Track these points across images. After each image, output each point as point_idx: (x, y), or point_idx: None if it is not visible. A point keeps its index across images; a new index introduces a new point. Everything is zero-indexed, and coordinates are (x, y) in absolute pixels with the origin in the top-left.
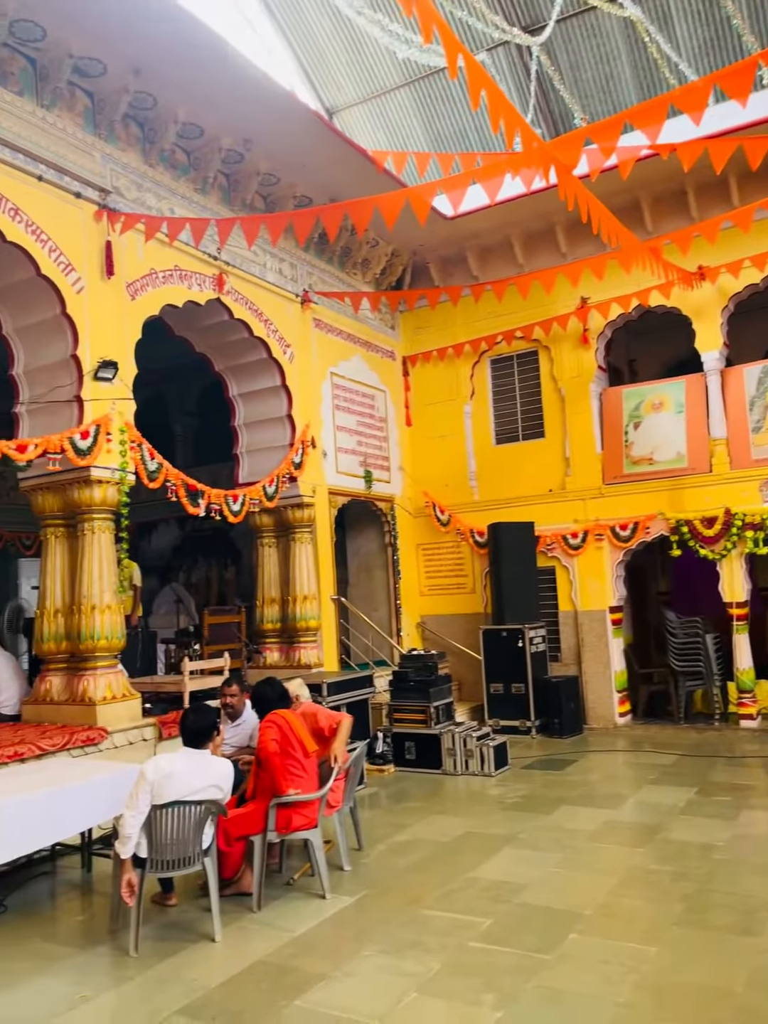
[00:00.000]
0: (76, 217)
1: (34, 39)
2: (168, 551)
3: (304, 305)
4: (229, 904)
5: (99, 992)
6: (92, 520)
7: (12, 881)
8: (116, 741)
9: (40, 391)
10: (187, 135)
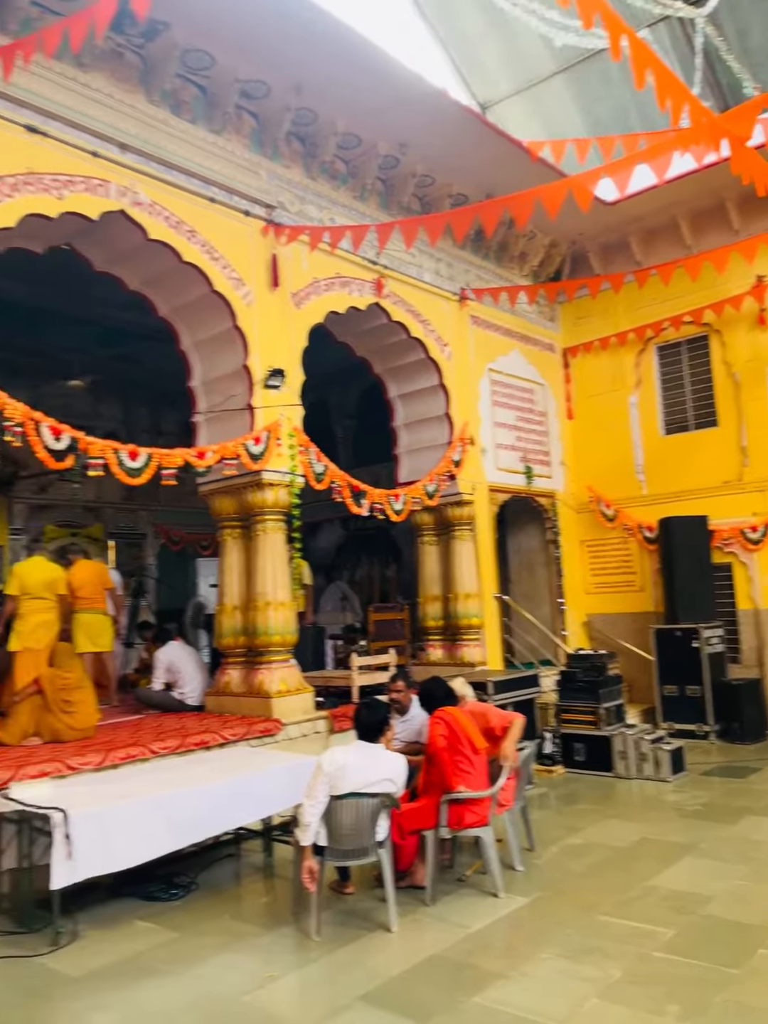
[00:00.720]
0: (244, 234)
1: (204, 67)
2: (332, 550)
3: (461, 303)
4: (403, 896)
5: (285, 972)
6: (265, 521)
7: (201, 861)
8: (290, 733)
9: (216, 401)
10: (346, 145)
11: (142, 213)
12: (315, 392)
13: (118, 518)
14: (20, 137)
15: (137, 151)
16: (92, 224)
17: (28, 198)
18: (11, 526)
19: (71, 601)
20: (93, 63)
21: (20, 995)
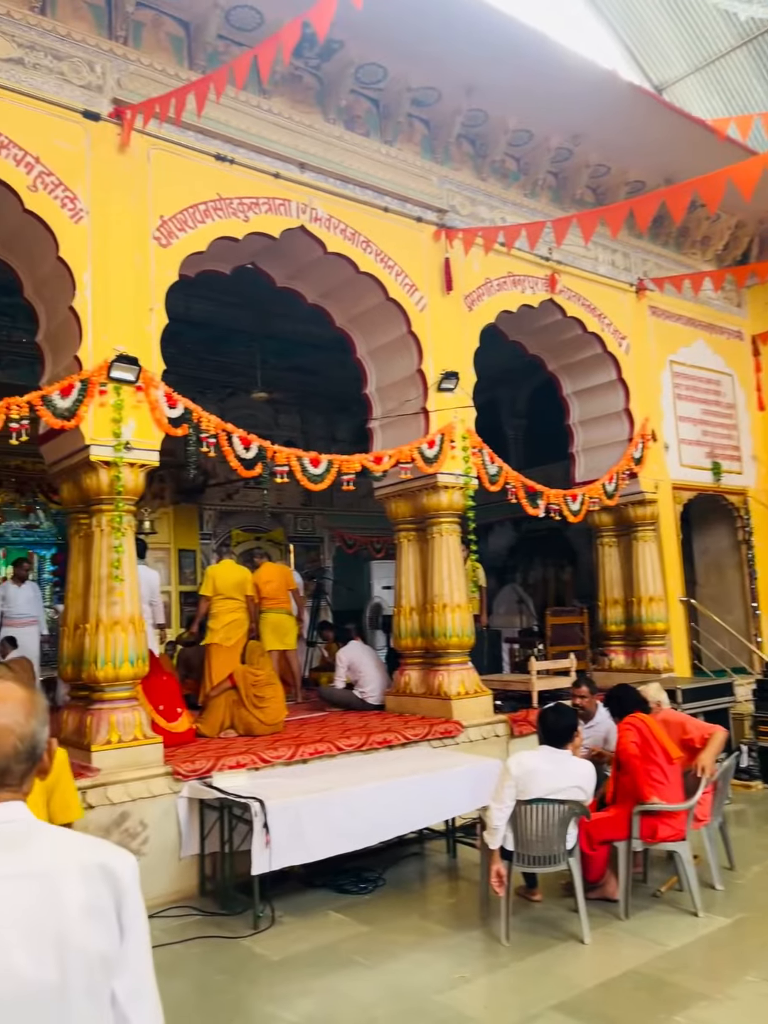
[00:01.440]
0: (417, 240)
1: (376, 80)
2: (504, 552)
3: (639, 294)
4: (594, 908)
5: (476, 975)
6: (440, 523)
7: (387, 857)
8: (470, 735)
9: (391, 406)
10: (517, 142)
11: (320, 228)
12: (485, 393)
13: (297, 523)
14: (210, 166)
15: (315, 169)
16: (274, 242)
17: (218, 223)
18: (201, 531)
19: (258, 601)
20: (274, 89)
21: (227, 975)
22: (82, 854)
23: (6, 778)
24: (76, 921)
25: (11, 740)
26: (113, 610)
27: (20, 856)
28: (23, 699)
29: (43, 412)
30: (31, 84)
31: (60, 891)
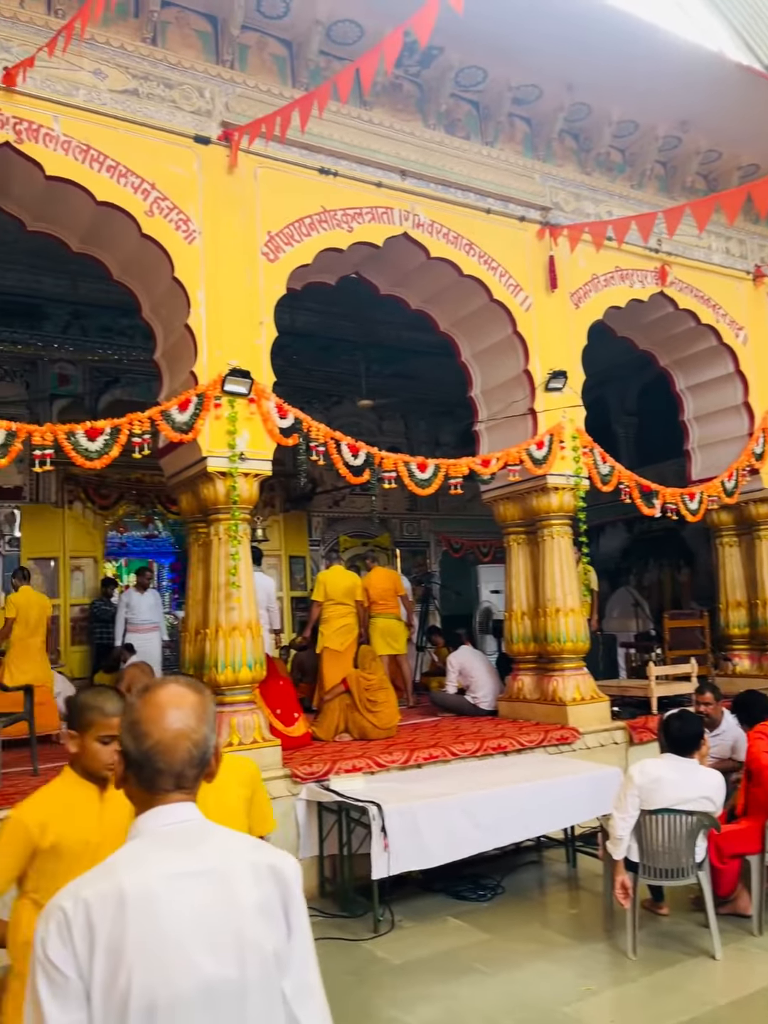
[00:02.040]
0: (521, 240)
1: (476, 83)
2: (617, 554)
3: (756, 281)
4: (725, 923)
5: (603, 987)
6: (551, 526)
7: (505, 865)
8: (587, 742)
9: (497, 408)
10: (622, 133)
11: (423, 233)
12: (593, 391)
13: (403, 527)
14: (314, 180)
15: (416, 175)
16: (378, 250)
17: (323, 235)
18: (310, 538)
19: (368, 606)
20: (374, 99)
21: (353, 977)
22: (252, 855)
23: (181, 781)
24: (251, 919)
25: (186, 745)
26: (231, 615)
27: (195, 854)
28: (196, 704)
29: (163, 426)
30: (145, 113)
31: (234, 889)
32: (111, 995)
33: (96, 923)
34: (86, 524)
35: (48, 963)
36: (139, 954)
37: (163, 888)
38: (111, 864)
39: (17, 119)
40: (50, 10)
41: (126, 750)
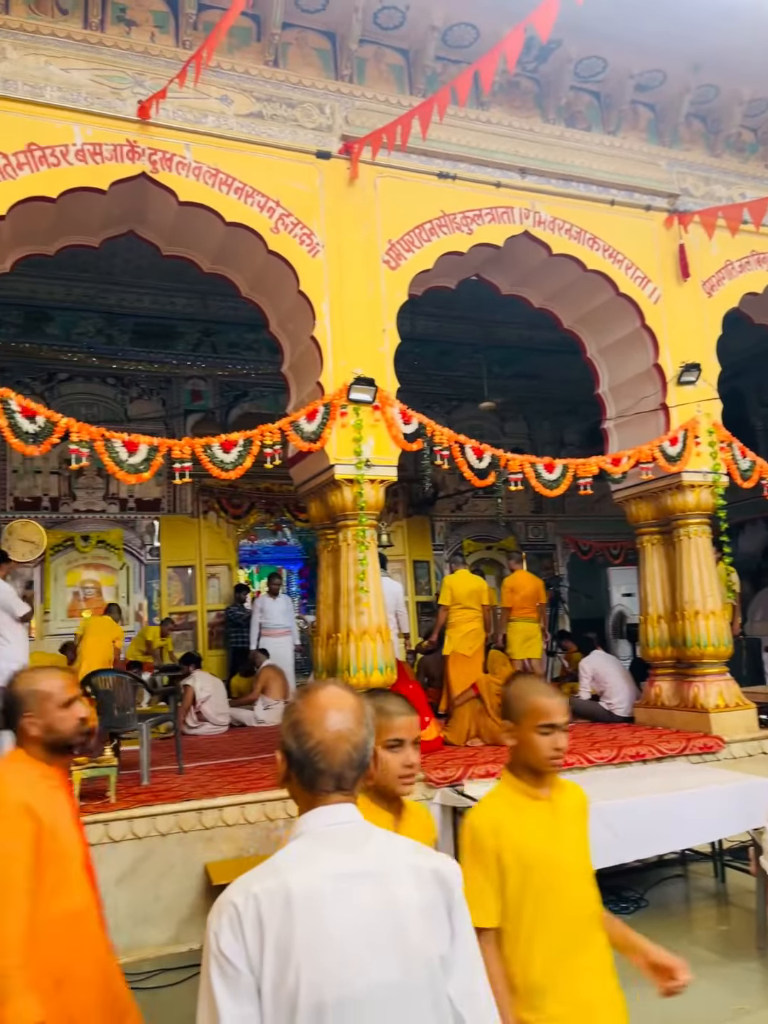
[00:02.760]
0: (647, 230)
1: (596, 73)
2: (759, 553)
3: None
4: None
5: (756, 1008)
6: (688, 525)
7: (647, 878)
8: (733, 752)
9: (626, 404)
10: (753, 112)
11: (544, 231)
12: (727, 383)
13: (528, 530)
14: (433, 185)
15: (536, 172)
16: (498, 251)
17: (443, 239)
18: (433, 542)
19: (509, 608)
20: (491, 99)
21: None
22: (413, 857)
23: (341, 782)
24: (412, 921)
25: (346, 747)
26: (361, 620)
27: (358, 856)
28: (355, 706)
29: (292, 436)
30: (269, 134)
31: (396, 891)
32: (280, 992)
33: (265, 920)
34: (220, 533)
35: (221, 956)
36: (306, 953)
37: (328, 888)
38: (276, 862)
39: (152, 150)
40: (178, 42)
41: (288, 750)
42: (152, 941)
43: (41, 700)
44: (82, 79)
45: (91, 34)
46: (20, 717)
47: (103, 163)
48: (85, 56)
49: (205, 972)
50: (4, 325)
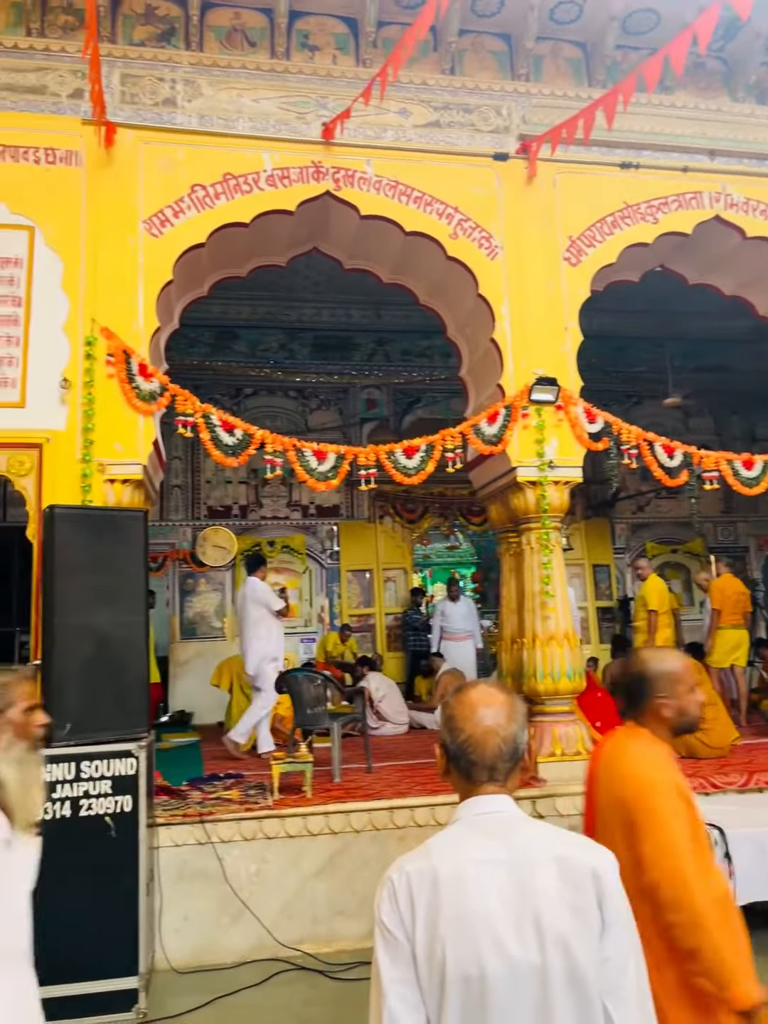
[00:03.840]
0: None
1: None
2: None
3: None
4: None
5: None
6: None
7: None
8: None
9: None
10: None
11: (736, 214)
12: None
13: (718, 532)
14: (614, 176)
15: (725, 153)
16: (685, 240)
17: (626, 231)
18: (614, 545)
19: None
20: (676, 83)
21: None
22: (561, 849)
23: (494, 774)
24: (551, 909)
25: (496, 741)
26: (547, 624)
27: (505, 843)
28: (504, 703)
29: (473, 440)
30: (447, 142)
31: (534, 879)
32: (431, 962)
33: (415, 895)
34: (395, 537)
35: (381, 924)
36: (450, 929)
37: (471, 871)
38: (430, 845)
39: (335, 168)
40: (359, 62)
41: (444, 744)
42: (349, 933)
43: (674, 682)
44: (270, 107)
45: (277, 63)
46: (650, 698)
47: (290, 185)
48: (272, 85)
49: (375, 940)
50: (197, 345)
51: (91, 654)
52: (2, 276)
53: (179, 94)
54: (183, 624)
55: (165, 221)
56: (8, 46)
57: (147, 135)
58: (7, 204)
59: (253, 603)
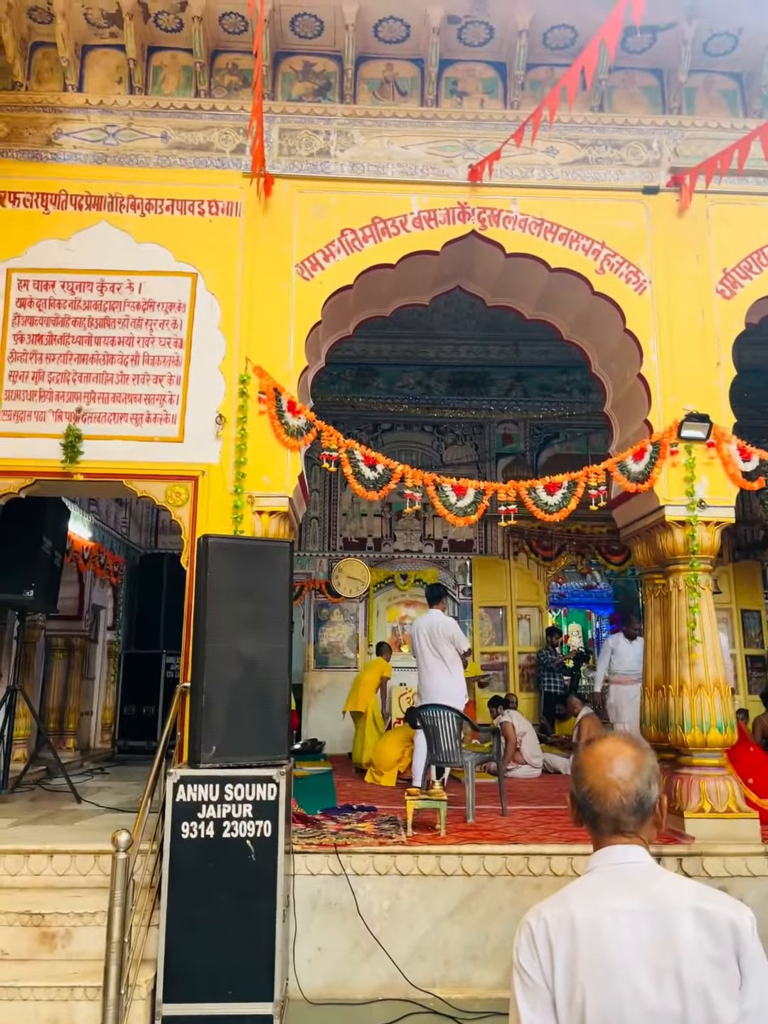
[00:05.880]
0: None
1: None
2: None
3: None
4: None
5: None
6: None
7: None
8: None
9: None
10: None
11: None
12: None
13: None
14: None
15: None
16: None
17: None
18: (765, 590)
19: None
20: None
21: None
22: (699, 901)
23: (619, 825)
24: (691, 959)
25: (617, 794)
26: (695, 671)
27: (641, 894)
28: (632, 757)
29: (618, 477)
30: (594, 178)
31: (675, 930)
32: (571, 1008)
33: (554, 941)
34: (530, 575)
35: (520, 968)
36: (589, 976)
37: (608, 920)
38: (566, 892)
39: (481, 208)
40: (507, 104)
41: (572, 793)
42: (481, 981)
43: None
44: (418, 153)
45: (427, 110)
46: None
47: (436, 227)
48: (421, 131)
49: (511, 984)
50: (339, 382)
51: (237, 679)
52: (167, 319)
53: (332, 144)
54: (317, 653)
55: (316, 265)
56: (179, 107)
57: (302, 184)
58: (173, 252)
59: (446, 640)
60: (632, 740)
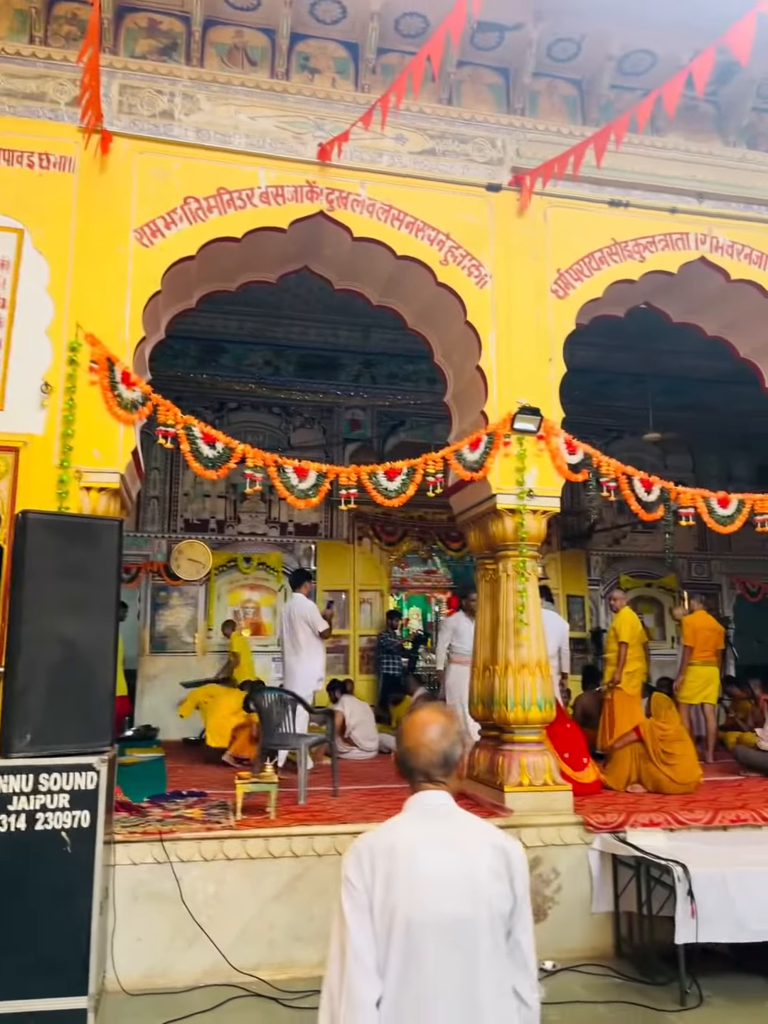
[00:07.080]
0: None
1: None
2: None
3: None
4: None
5: None
6: None
7: None
8: None
9: None
10: None
11: (722, 256)
12: None
13: (692, 568)
14: (604, 214)
15: (714, 196)
16: (670, 279)
17: (613, 267)
18: (589, 577)
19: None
20: (667, 124)
21: None
22: (488, 834)
23: (429, 776)
24: (484, 879)
25: (426, 753)
26: (520, 652)
27: (444, 826)
28: (440, 723)
29: (454, 465)
30: (441, 169)
31: (472, 855)
32: (384, 910)
33: (377, 861)
34: (373, 559)
35: (348, 880)
36: (403, 887)
37: (420, 846)
38: (387, 825)
39: (329, 189)
40: (358, 87)
41: (395, 751)
42: (306, 960)
43: None
44: (267, 125)
45: (277, 83)
46: None
47: (284, 204)
48: (271, 104)
49: (338, 896)
50: (183, 357)
51: (57, 663)
52: None
53: (177, 107)
54: (153, 638)
55: (157, 232)
56: (10, 53)
57: (143, 145)
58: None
59: (301, 622)
60: (443, 710)
